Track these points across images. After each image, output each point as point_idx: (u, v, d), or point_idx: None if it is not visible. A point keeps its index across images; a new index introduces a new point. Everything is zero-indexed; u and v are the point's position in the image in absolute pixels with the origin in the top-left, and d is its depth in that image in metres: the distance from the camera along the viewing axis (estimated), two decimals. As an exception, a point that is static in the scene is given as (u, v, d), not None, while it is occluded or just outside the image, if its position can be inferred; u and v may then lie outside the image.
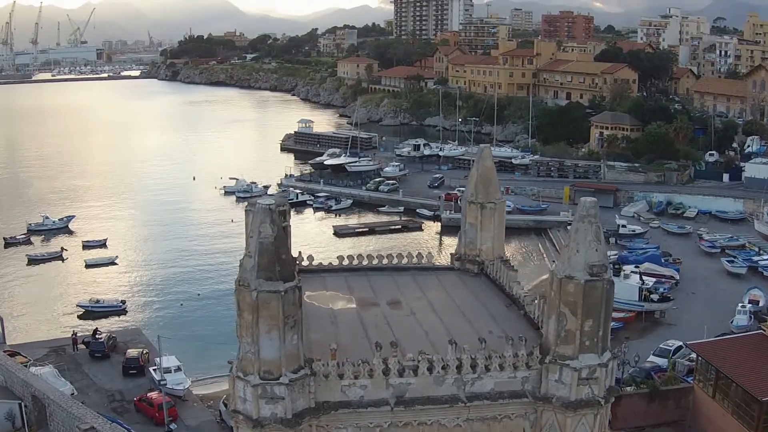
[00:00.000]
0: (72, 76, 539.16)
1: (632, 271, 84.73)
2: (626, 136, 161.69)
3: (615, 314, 78.29)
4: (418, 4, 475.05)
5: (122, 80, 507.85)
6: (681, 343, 70.06)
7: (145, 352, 67.24)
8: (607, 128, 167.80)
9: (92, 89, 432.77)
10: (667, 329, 77.46)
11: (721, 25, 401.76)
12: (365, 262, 36.75)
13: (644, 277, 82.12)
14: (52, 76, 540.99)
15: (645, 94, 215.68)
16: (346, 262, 36.73)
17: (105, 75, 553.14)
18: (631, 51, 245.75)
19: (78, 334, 72.12)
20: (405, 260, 36.99)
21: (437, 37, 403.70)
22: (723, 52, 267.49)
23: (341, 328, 29.54)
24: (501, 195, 36.55)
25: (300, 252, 36.19)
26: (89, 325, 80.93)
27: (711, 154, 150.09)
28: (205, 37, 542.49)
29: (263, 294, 23.57)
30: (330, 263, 36.88)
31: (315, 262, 36.75)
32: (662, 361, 67.47)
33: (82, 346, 70.41)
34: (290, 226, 34.71)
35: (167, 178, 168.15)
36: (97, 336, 70.57)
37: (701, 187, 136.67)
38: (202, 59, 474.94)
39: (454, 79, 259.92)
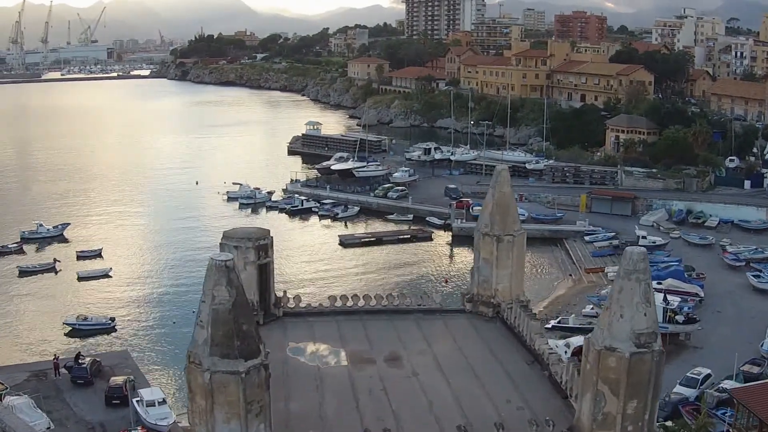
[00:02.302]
0: (81, 76, 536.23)
1: (655, 289, 79.38)
2: (643, 140, 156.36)
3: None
4: (429, 3, 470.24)
5: (131, 80, 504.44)
6: (709, 371, 64.99)
7: (130, 379, 62.21)
8: (623, 132, 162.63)
9: (101, 89, 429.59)
10: (693, 353, 72.17)
11: (734, 26, 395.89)
12: (361, 303, 31.60)
13: (668, 296, 76.63)
14: (62, 75, 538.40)
15: (660, 96, 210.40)
16: (339, 304, 31.59)
17: (114, 74, 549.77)
18: (647, 52, 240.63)
19: (60, 358, 67.26)
20: (408, 301, 31.84)
21: (449, 37, 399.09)
22: (739, 54, 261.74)
23: (327, 397, 24.33)
24: (520, 226, 31.32)
25: (285, 292, 31.26)
26: (76, 344, 76.70)
27: (731, 160, 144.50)
28: (215, 37, 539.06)
29: (218, 375, 18.55)
30: (320, 304, 31.76)
31: (303, 303, 31.68)
32: (690, 392, 62.47)
33: (65, 371, 65.49)
34: (273, 263, 29.77)
35: (170, 182, 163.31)
36: (79, 361, 65.60)
37: (722, 194, 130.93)
38: (212, 59, 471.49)
39: (466, 80, 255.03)
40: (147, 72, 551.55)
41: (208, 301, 18.65)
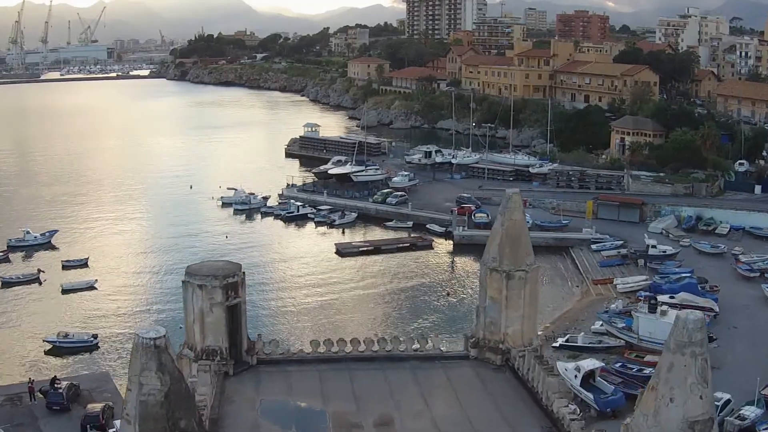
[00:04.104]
0: (81, 76, 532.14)
1: (666, 303, 75.03)
2: (649, 142, 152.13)
3: (652, 358, 69.21)
4: (430, 3, 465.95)
5: (131, 80, 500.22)
6: (728, 397, 60.66)
7: (109, 405, 57.95)
8: (628, 134, 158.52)
9: (99, 89, 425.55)
10: (711, 375, 67.66)
11: (737, 25, 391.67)
12: (348, 349, 27.26)
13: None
14: (61, 75, 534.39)
15: (665, 97, 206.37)
16: (322, 349, 27.22)
17: (114, 74, 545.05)
18: (652, 52, 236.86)
19: (35, 381, 62.94)
20: (402, 346, 27.46)
21: (450, 36, 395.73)
22: (744, 54, 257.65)
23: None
24: (534, 259, 26.99)
25: (259, 335, 27.05)
26: (57, 362, 72.60)
27: (741, 164, 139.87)
28: (215, 37, 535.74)
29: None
30: (301, 350, 27.48)
31: (281, 349, 27.35)
32: (710, 420, 58.16)
33: (41, 396, 61.24)
34: (245, 303, 25.54)
35: (164, 186, 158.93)
36: (56, 385, 61.28)
37: (733, 200, 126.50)
38: (211, 59, 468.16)
39: (468, 81, 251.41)
40: (146, 72, 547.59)
41: (134, 390, 14.60)
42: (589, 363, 61.76)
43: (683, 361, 15.76)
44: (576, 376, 60.58)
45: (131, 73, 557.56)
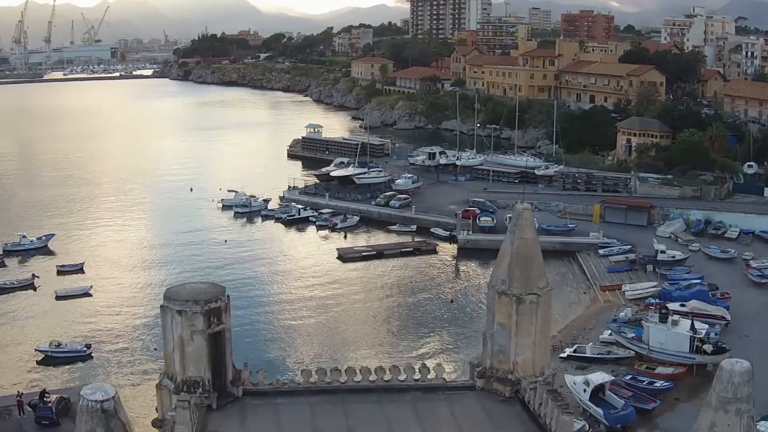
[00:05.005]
0: (83, 76, 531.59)
1: (677, 312, 72.69)
2: (656, 144, 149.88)
3: (663, 370, 67.01)
4: (435, 2, 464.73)
5: (134, 80, 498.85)
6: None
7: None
8: (634, 135, 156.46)
9: (102, 89, 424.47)
10: (723, 386, 65.46)
11: (742, 25, 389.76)
12: (343, 379, 25.00)
13: (695, 322, 69.72)
14: (64, 75, 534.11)
15: (671, 97, 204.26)
16: (314, 379, 24.98)
17: (117, 74, 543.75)
18: (658, 52, 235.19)
19: (25, 394, 60.74)
20: (402, 375, 25.21)
21: (454, 36, 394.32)
22: (750, 53, 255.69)
23: None
24: (547, 281, 24.72)
25: (246, 364, 24.82)
26: (48, 372, 70.48)
27: (750, 166, 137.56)
28: (218, 36, 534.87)
29: None
30: (291, 379, 25.18)
31: (269, 380, 25.14)
32: (724, 436, 55.89)
33: (30, 409, 59.07)
34: (230, 330, 23.34)
35: (163, 188, 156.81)
36: (45, 398, 59.12)
37: (742, 203, 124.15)
38: (214, 58, 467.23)
39: (472, 81, 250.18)
40: (149, 72, 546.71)
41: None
42: (599, 377, 59.49)
43: (727, 420, 13.48)
44: (585, 390, 58.37)
45: (134, 72, 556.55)
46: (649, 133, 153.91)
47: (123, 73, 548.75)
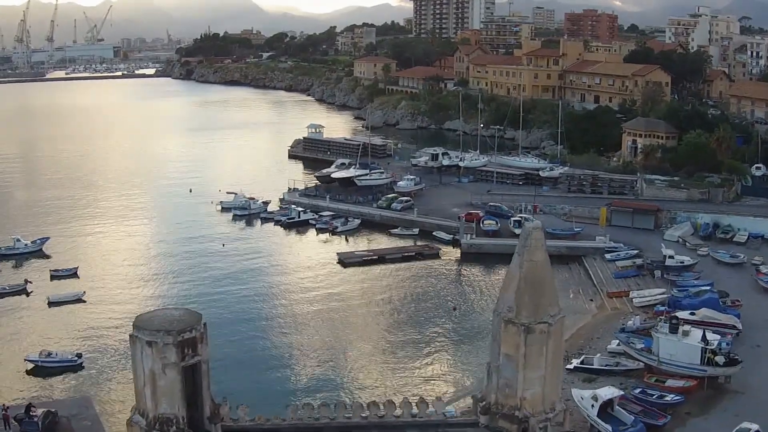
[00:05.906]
0: (86, 75, 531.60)
1: (687, 321, 70.24)
2: (662, 145, 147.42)
3: (674, 383, 64.55)
4: (438, 1, 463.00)
5: (136, 79, 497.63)
6: (757, 428, 55.90)
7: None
8: (640, 135, 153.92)
9: (104, 88, 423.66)
10: (734, 400, 62.77)
11: (746, 25, 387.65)
12: (332, 416, 22.62)
13: (707, 333, 67.16)
14: (66, 74, 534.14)
15: (677, 97, 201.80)
16: (301, 415, 22.61)
17: (119, 73, 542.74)
18: (663, 51, 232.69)
19: (10, 407, 58.44)
20: (399, 411, 22.85)
21: (458, 35, 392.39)
22: (755, 53, 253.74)
23: None
24: (559, 308, 22.30)
25: (225, 398, 22.51)
26: (38, 383, 68.20)
27: (758, 167, 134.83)
28: (221, 36, 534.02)
29: None
30: (277, 416, 22.77)
31: (249, 417, 22.80)
32: (740, 456, 53.59)
33: (16, 423, 56.80)
34: (207, 362, 21.03)
35: (163, 189, 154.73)
36: (30, 412, 56.81)
37: (750, 206, 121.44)
38: (217, 58, 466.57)
39: (475, 81, 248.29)
40: (152, 71, 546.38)
41: None
42: (607, 392, 57.00)
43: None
44: (593, 406, 55.97)
45: (136, 72, 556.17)
46: (655, 134, 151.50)
47: (125, 73, 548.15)
